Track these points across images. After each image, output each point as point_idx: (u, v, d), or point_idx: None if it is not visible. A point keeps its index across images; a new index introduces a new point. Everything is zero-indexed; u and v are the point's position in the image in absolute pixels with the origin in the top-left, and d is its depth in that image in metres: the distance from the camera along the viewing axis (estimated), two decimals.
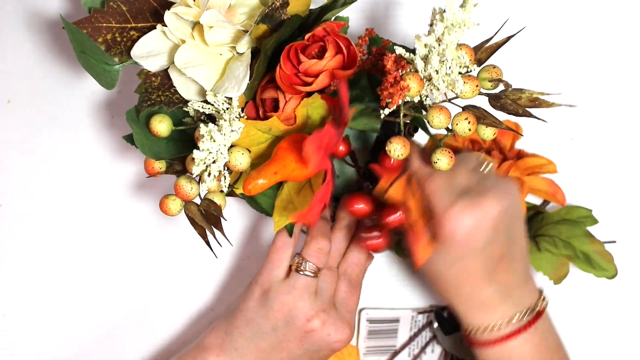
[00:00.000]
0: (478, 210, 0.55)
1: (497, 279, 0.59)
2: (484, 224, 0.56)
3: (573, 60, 0.74)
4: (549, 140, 0.74)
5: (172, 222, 0.75)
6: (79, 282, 0.76)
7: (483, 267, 0.58)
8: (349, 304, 0.63)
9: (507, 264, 0.59)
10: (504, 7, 0.72)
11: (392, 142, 0.53)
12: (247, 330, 0.63)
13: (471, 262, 0.57)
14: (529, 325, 0.59)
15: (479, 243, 0.56)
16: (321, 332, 0.61)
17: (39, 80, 0.74)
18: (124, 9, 0.58)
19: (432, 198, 0.57)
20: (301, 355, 0.62)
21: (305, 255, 0.61)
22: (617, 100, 0.74)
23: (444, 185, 0.57)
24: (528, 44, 0.73)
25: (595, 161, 0.74)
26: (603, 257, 0.69)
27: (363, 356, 0.75)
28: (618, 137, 0.74)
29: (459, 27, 0.51)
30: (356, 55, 0.55)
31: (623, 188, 0.74)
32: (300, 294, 0.61)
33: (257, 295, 0.63)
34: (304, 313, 0.61)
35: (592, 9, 0.73)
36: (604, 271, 0.69)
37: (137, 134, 0.56)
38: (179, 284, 0.76)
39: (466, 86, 0.52)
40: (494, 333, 0.60)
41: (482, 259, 0.57)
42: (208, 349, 0.64)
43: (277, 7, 0.54)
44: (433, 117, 0.53)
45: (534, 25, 0.73)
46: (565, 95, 0.71)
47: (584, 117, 0.74)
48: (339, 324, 0.61)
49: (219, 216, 0.55)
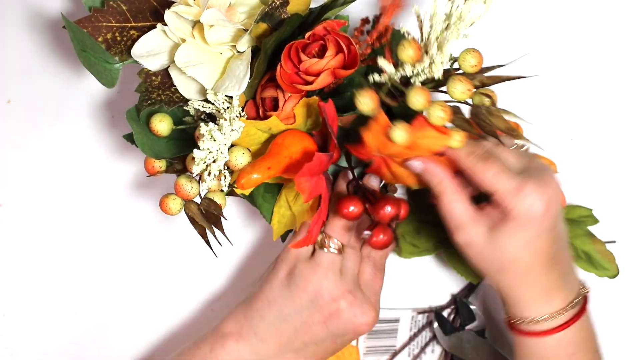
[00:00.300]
0: (549, 188, 0.54)
1: (560, 261, 0.57)
2: (555, 202, 0.55)
3: (573, 60, 0.74)
4: (549, 141, 0.74)
5: (172, 221, 0.75)
6: (79, 282, 0.76)
7: (551, 248, 0.56)
8: (374, 286, 0.61)
9: (564, 244, 0.58)
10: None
11: (361, 94, 0.52)
12: (268, 313, 0.60)
13: (543, 242, 0.55)
14: (583, 310, 0.58)
15: (551, 221, 0.55)
16: (348, 314, 0.58)
17: (39, 80, 0.74)
18: (124, 8, 0.58)
19: (496, 180, 0.55)
20: (325, 340, 0.60)
21: (329, 232, 0.59)
22: (617, 101, 0.74)
23: (502, 167, 0.55)
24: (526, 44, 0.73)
25: (595, 162, 0.74)
26: (604, 256, 0.69)
27: (363, 356, 0.74)
28: (618, 138, 0.74)
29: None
30: (357, 54, 0.55)
31: (623, 188, 0.74)
32: (325, 272, 0.58)
33: (283, 275, 0.60)
34: (329, 292, 0.58)
35: (592, 9, 0.73)
36: (606, 270, 0.69)
37: (138, 133, 0.56)
38: (179, 284, 0.76)
39: (459, 84, 0.52)
40: (556, 320, 0.57)
41: (552, 238, 0.56)
42: (226, 336, 0.61)
43: (277, 5, 0.54)
44: (412, 96, 0.51)
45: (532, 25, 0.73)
46: (565, 93, 0.72)
47: (584, 117, 0.74)
48: (365, 306, 0.59)
49: (220, 215, 0.55)
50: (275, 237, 0.62)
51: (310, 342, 0.60)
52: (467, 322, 0.72)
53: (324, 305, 0.58)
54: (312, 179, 0.52)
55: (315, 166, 0.51)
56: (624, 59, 0.74)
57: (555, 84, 0.73)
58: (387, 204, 0.54)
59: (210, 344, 0.62)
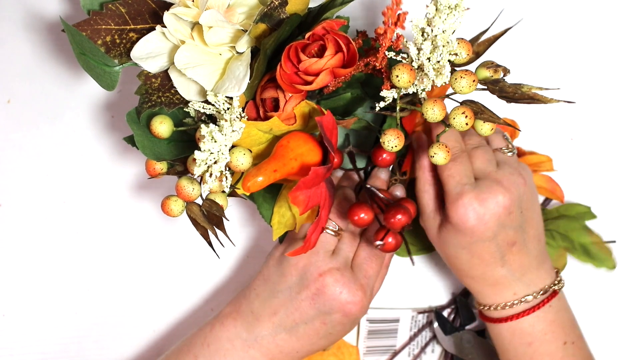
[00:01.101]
0: (483, 206, 0.57)
1: (509, 262, 0.60)
2: (488, 218, 0.57)
3: (573, 60, 0.74)
4: (549, 140, 0.74)
5: (172, 222, 0.75)
6: (79, 282, 0.76)
7: (493, 253, 0.59)
8: (367, 269, 0.61)
9: (519, 248, 0.60)
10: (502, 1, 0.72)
11: (386, 133, 0.53)
12: (263, 290, 0.62)
13: (480, 248, 0.59)
14: (542, 304, 0.61)
15: (486, 234, 0.58)
16: (332, 289, 0.59)
17: (39, 80, 0.74)
18: (122, 10, 0.57)
19: (447, 182, 0.59)
20: (314, 318, 0.60)
21: (329, 215, 0.61)
22: (617, 101, 0.74)
23: (461, 168, 0.59)
24: (526, 43, 0.73)
25: (595, 161, 0.74)
26: (601, 249, 0.70)
27: (363, 356, 0.75)
28: (618, 138, 0.74)
29: (450, 10, 0.51)
30: (356, 54, 0.55)
31: (623, 188, 0.74)
32: (316, 249, 0.59)
33: (278, 253, 0.62)
34: (316, 268, 0.59)
35: (592, 7, 0.73)
36: (603, 262, 0.70)
37: (138, 135, 0.56)
38: (179, 285, 0.76)
39: (463, 81, 0.52)
40: (506, 310, 0.61)
41: (491, 246, 0.59)
42: (226, 315, 0.64)
43: (276, 6, 0.54)
44: (427, 109, 0.52)
45: (531, 24, 0.73)
46: (565, 94, 0.71)
47: (584, 117, 0.74)
48: (352, 285, 0.60)
49: (221, 216, 0.55)
50: (275, 237, 0.62)
51: (300, 321, 0.61)
52: (467, 322, 0.72)
53: (311, 281, 0.60)
54: (308, 191, 0.52)
55: (312, 180, 0.51)
56: (624, 59, 0.74)
57: (555, 84, 0.73)
58: (398, 212, 0.55)
59: (211, 324, 0.64)
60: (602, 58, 0.74)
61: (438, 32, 0.51)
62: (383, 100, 0.54)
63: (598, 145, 0.74)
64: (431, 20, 0.52)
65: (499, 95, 0.53)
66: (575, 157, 0.74)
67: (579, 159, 0.74)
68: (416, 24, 0.52)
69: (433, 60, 0.52)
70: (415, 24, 0.52)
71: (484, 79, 0.54)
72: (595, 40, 0.74)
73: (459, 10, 0.51)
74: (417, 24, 0.52)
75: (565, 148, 0.74)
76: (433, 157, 0.53)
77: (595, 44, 0.74)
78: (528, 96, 0.53)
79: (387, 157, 0.62)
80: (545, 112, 0.73)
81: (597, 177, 0.74)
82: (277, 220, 0.62)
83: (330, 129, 0.54)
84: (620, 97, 0.74)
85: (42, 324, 0.76)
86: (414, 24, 0.52)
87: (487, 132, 0.54)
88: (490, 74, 0.54)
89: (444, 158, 0.53)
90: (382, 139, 0.53)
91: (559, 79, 0.73)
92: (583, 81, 0.74)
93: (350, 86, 0.60)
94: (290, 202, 0.52)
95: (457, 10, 0.51)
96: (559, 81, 0.73)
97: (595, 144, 0.74)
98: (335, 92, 0.60)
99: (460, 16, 0.51)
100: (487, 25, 0.55)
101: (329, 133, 0.53)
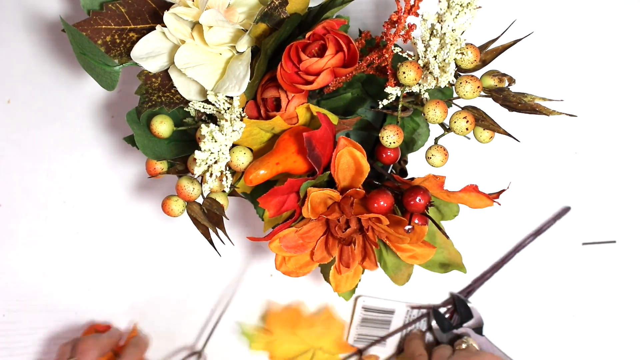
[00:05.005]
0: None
1: None
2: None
3: (578, 73, 0.73)
4: (553, 154, 0.73)
5: (172, 221, 0.75)
6: (79, 282, 0.76)
7: None
8: None
9: None
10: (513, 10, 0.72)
11: (385, 129, 0.53)
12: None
13: None
14: None
15: None
16: None
17: (39, 80, 0.74)
18: (122, 10, 0.57)
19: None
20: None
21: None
22: (621, 115, 0.73)
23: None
24: (534, 54, 0.73)
25: (598, 175, 0.74)
26: None
27: (354, 342, 0.75)
28: (622, 152, 0.74)
29: (461, 8, 0.51)
30: (356, 53, 0.55)
31: (625, 198, 0.74)
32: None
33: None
34: None
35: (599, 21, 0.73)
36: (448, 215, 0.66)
37: (138, 135, 0.56)
38: (179, 284, 0.76)
39: (467, 86, 0.52)
40: None
41: None
42: None
43: (276, 5, 0.54)
44: (429, 110, 0.52)
45: (539, 37, 0.72)
46: (569, 107, 0.71)
47: (588, 130, 0.73)
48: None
49: (222, 216, 0.55)
50: (265, 230, 0.62)
51: None
52: (465, 319, 0.72)
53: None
54: (277, 202, 0.53)
55: (286, 189, 0.52)
56: (629, 72, 0.73)
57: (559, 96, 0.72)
58: (417, 195, 0.55)
59: None
60: (607, 71, 0.73)
61: (447, 29, 0.51)
62: (386, 97, 0.54)
63: (602, 159, 0.74)
64: (442, 16, 0.52)
65: (501, 103, 0.54)
66: (579, 171, 0.74)
67: (583, 173, 0.74)
68: (426, 18, 0.52)
69: (439, 59, 0.52)
70: (425, 18, 0.52)
71: (489, 87, 0.55)
72: (601, 52, 0.73)
73: (471, 8, 0.51)
74: (427, 18, 0.52)
75: (569, 162, 0.74)
76: (430, 158, 0.53)
77: (601, 56, 0.73)
78: (530, 107, 0.53)
79: (390, 154, 0.62)
80: (550, 125, 0.73)
81: (601, 191, 0.74)
82: (268, 215, 0.62)
83: (324, 142, 0.54)
84: (624, 111, 0.73)
85: (42, 324, 0.76)
86: (423, 19, 0.52)
87: (485, 140, 0.54)
88: (495, 83, 0.54)
89: (441, 160, 0.53)
90: (381, 134, 0.53)
91: (565, 92, 0.73)
92: (588, 95, 0.73)
93: (350, 86, 0.60)
94: (260, 206, 0.52)
95: (469, 8, 0.51)
96: (565, 94, 0.73)
97: (600, 158, 0.74)
98: (336, 92, 0.60)
99: (471, 15, 0.51)
100: (497, 35, 0.55)
101: (321, 147, 0.53)
